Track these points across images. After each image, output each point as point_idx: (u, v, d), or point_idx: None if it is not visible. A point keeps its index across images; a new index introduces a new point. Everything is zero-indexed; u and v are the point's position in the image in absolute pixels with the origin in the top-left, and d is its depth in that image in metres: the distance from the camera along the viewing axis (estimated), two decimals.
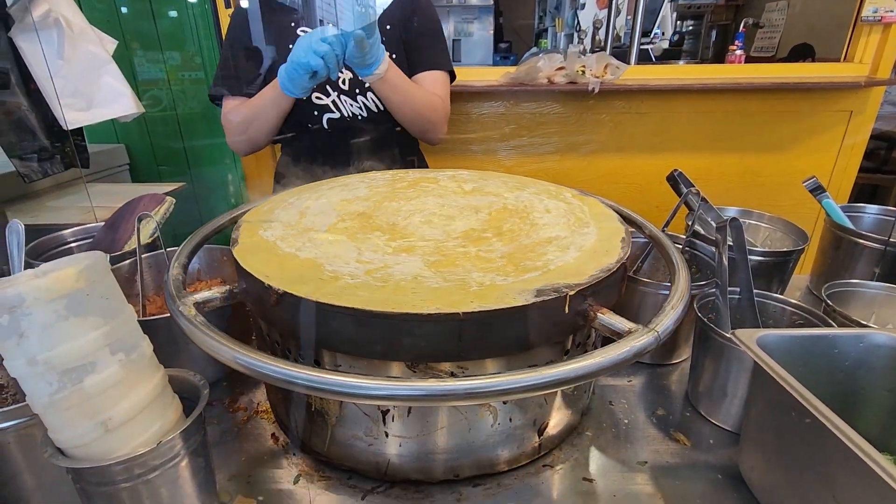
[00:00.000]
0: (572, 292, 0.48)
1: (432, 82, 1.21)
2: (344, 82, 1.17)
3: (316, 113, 1.18)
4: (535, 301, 0.47)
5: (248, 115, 1.13)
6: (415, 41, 1.20)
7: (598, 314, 0.51)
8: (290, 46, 1.02)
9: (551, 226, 0.65)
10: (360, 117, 1.19)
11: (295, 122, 1.18)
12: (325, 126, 1.19)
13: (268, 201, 0.76)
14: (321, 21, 1.18)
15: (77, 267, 0.43)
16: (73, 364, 0.42)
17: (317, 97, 1.16)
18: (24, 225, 0.71)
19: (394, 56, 1.19)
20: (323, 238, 0.62)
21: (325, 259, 0.56)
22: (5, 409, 0.49)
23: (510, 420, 0.57)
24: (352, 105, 1.18)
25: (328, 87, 1.16)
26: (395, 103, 1.14)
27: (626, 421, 0.70)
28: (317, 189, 0.82)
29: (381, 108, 1.19)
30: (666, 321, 0.46)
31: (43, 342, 0.41)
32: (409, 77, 1.17)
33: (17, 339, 0.40)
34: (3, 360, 0.43)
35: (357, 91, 1.18)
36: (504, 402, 0.56)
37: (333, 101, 1.17)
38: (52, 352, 0.41)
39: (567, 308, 0.49)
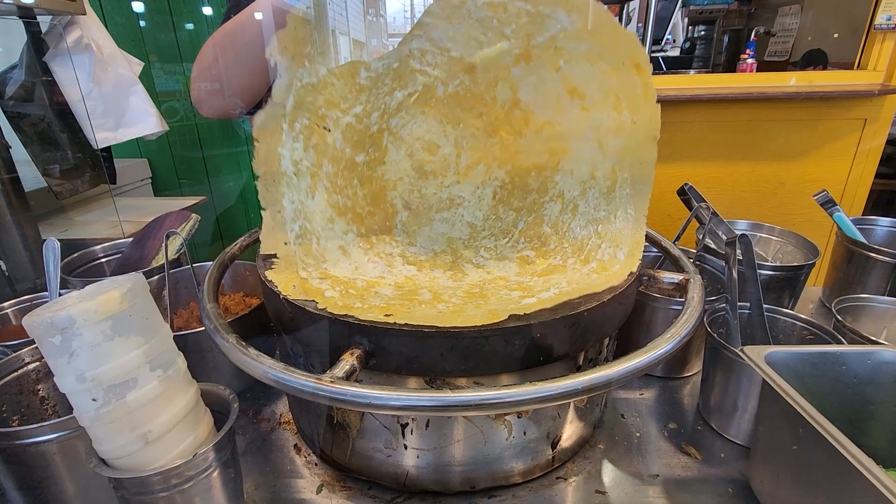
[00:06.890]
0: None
1: None
2: None
3: None
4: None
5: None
6: None
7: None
8: None
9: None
10: None
11: None
12: None
13: None
14: (332, 32, 1.17)
15: (121, 290, 0.46)
16: (118, 380, 0.46)
17: None
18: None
19: None
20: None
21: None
22: (51, 422, 0.52)
23: (524, 433, 0.59)
24: None
25: None
26: None
27: (637, 434, 0.72)
28: None
29: None
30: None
31: (91, 360, 0.44)
32: None
33: (68, 357, 0.44)
34: (52, 375, 0.46)
35: None
36: (518, 416, 0.58)
37: None
38: (99, 369, 0.45)
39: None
